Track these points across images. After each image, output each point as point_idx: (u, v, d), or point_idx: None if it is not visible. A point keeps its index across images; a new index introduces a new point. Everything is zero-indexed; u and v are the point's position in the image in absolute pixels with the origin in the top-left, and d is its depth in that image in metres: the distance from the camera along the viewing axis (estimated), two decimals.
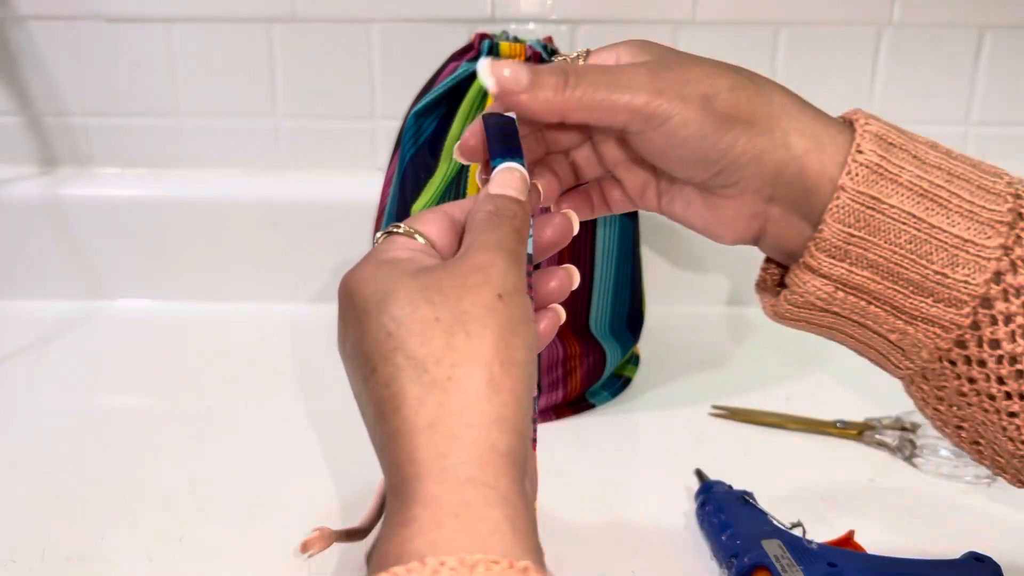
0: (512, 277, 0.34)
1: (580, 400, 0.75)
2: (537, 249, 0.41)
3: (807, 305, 0.41)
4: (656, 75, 0.38)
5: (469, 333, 0.33)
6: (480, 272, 0.34)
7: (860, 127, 0.39)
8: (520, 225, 0.37)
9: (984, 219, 0.38)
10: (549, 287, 0.41)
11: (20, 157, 0.93)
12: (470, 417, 0.32)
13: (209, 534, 0.60)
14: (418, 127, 0.71)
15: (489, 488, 0.31)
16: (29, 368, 0.81)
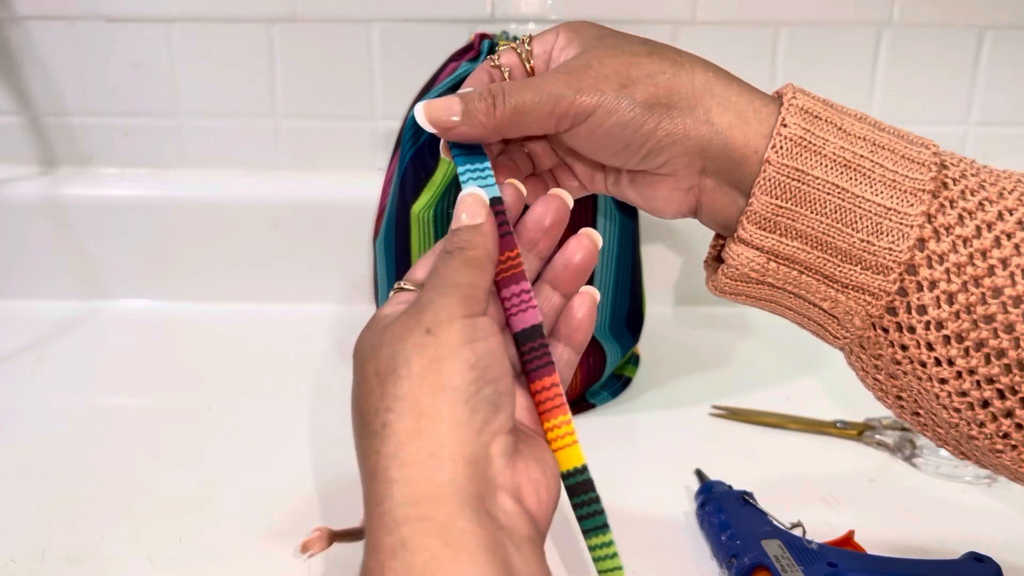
0: (445, 310, 0.36)
1: (580, 400, 0.75)
2: (535, 235, 0.42)
3: (743, 278, 0.42)
4: (574, 76, 0.41)
5: (399, 376, 0.35)
6: (416, 315, 0.36)
7: (787, 101, 0.40)
8: (473, 251, 0.38)
9: (907, 188, 0.39)
10: (575, 261, 0.43)
11: (20, 157, 0.93)
12: (404, 456, 0.34)
13: (209, 534, 0.60)
14: (418, 127, 0.71)
15: (426, 520, 0.33)
16: (29, 368, 0.81)
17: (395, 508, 0.33)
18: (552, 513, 0.38)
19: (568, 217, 0.43)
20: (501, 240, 0.40)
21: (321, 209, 0.90)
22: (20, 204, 0.91)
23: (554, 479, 0.39)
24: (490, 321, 0.37)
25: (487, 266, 0.39)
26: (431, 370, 0.35)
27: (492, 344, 0.37)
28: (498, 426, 0.36)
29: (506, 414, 0.36)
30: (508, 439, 0.36)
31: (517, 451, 0.37)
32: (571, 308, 0.43)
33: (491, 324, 0.37)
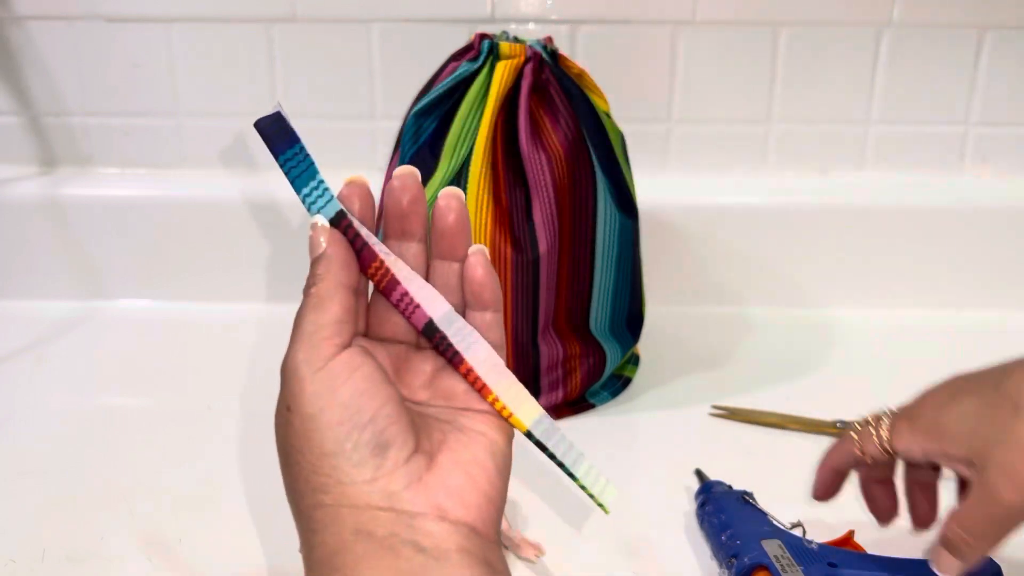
0: (296, 378, 0.37)
1: (580, 400, 0.75)
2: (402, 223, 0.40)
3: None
4: None
5: (288, 459, 0.39)
6: (281, 388, 0.39)
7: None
8: (316, 287, 0.38)
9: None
10: (450, 224, 0.40)
11: (20, 157, 0.93)
12: (313, 526, 0.36)
13: (209, 534, 0.60)
14: (418, 127, 0.71)
15: (336, 571, 0.35)
16: (29, 368, 0.81)
17: (317, 569, 0.35)
18: (493, 509, 0.38)
19: (421, 188, 0.40)
20: (360, 255, 0.39)
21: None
22: (20, 204, 0.91)
23: (485, 476, 0.38)
24: (350, 355, 0.37)
25: (333, 296, 0.38)
26: (305, 445, 0.37)
27: (357, 381, 0.36)
28: (392, 463, 0.36)
29: (398, 445, 0.36)
30: (410, 467, 0.36)
31: (430, 469, 0.37)
32: (468, 271, 0.40)
33: (351, 358, 0.37)
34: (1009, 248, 0.91)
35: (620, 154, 0.73)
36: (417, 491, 0.36)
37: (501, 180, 0.69)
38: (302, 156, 0.40)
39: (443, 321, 0.40)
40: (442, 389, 0.41)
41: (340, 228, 0.39)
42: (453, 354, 0.40)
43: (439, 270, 0.41)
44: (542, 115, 0.70)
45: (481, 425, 0.40)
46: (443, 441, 0.38)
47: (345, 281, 0.38)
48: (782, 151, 0.92)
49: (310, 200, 0.39)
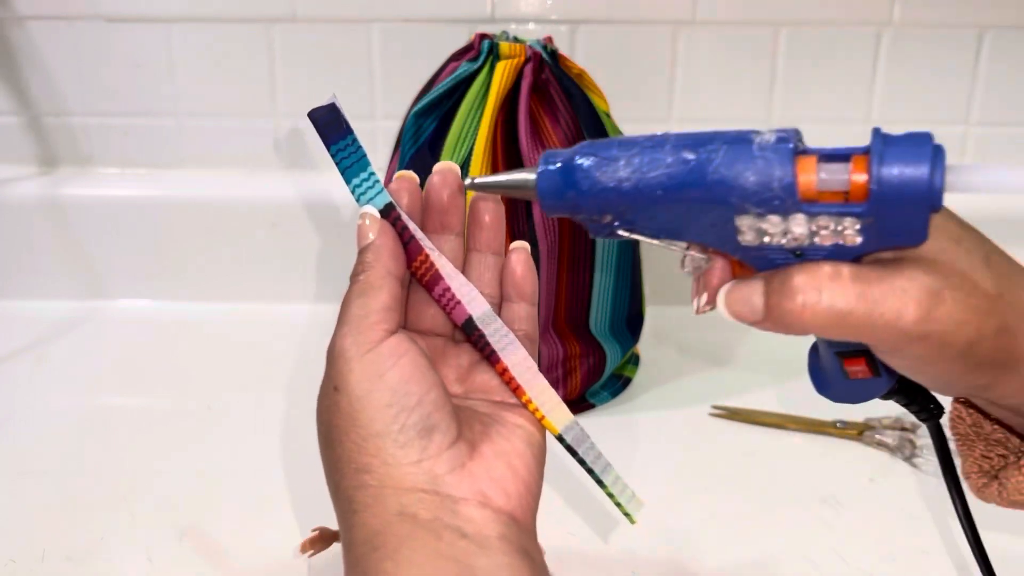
0: (344, 359, 0.37)
1: (580, 400, 0.75)
2: (443, 217, 0.41)
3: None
4: (933, 309, 0.32)
5: (330, 441, 0.38)
6: (327, 369, 0.39)
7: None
8: (365, 275, 0.39)
9: None
10: (486, 221, 0.42)
11: (20, 157, 0.93)
12: (355, 506, 0.36)
13: (209, 534, 0.60)
14: (418, 127, 0.71)
15: (377, 550, 0.35)
16: (29, 368, 0.81)
17: (356, 549, 0.35)
18: (532, 499, 0.39)
19: (461, 183, 0.41)
20: (407, 247, 0.40)
21: (321, 209, 0.90)
22: (20, 204, 0.91)
23: (525, 467, 0.39)
24: (398, 341, 0.37)
25: (383, 284, 0.38)
26: (352, 426, 0.37)
27: (404, 366, 0.37)
28: (437, 447, 0.37)
29: (442, 431, 0.37)
30: (454, 452, 0.37)
31: (473, 456, 0.38)
32: (509, 266, 0.42)
33: (399, 343, 0.37)
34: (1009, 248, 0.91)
35: None
36: (460, 477, 0.37)
37: None
38: (354, 147, 0.40)
39: (482, 320, 0.41)
40: (478, 383, 0.42)
41: (388, 220, 0.40)
42: (490, 352, 0.41)
43: (475, 263, 0.42)
44: (542, 115, 0.69)
45: (518, 418, 0.40)
46: (483, 432, 0.39)
47: (394, 271, 0.39)
48: None
49: (360, 191, 0.40)
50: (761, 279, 0.34)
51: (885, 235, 0.31)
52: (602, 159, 0.34)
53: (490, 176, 0.38)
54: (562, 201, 0.36)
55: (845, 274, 0.32)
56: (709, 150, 0.32)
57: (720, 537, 0.60)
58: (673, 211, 0.34)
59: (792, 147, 0.31)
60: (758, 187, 0.31)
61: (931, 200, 0.30)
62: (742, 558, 0.58)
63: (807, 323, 0.33)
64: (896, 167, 0.30)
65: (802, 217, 0.32)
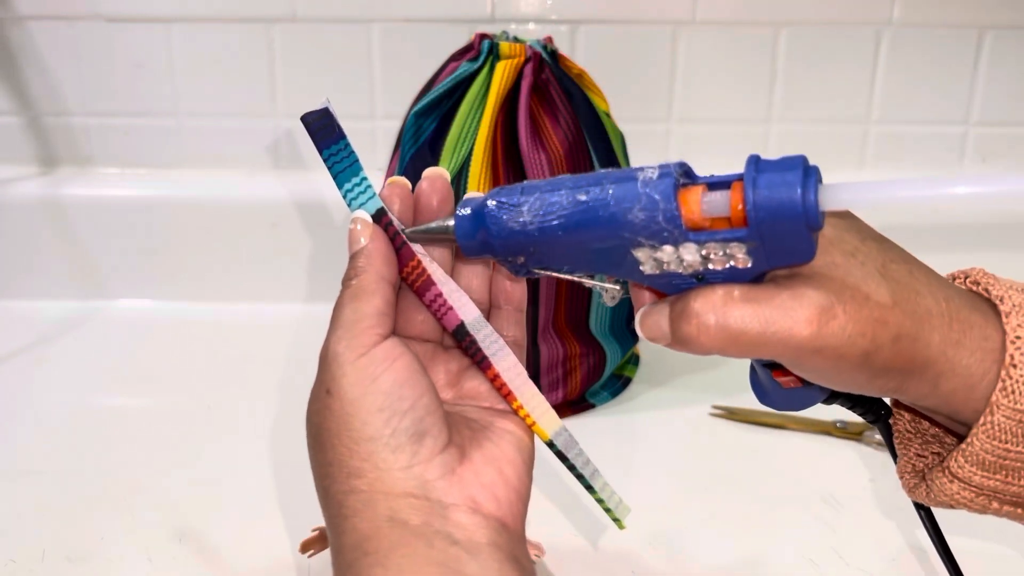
0: (337, 363, 0.37)
1: (580, 400, 0.75)
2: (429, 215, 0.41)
3: (953, 506, 0.38)
4: (824, 324, 0.33)
5: (321, 444, 0.38)
6: (319, 373, 0.39)
7: (1011, 340, 0.35)
8: (357, 279, 0.39)
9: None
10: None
11: (20, 157, 0.93)
12: (345, 511, 0.36)
13: (209, 534, 0.60)
14: (418, 127, 0.71)
15: (368, 555, 0.35)
16: (29, 368, 0.81)
17: (346, 554, 0.35)
18: (521, 505, 0.39)
19: (450, 190, 0.42)
20: (399, 253, 0.40)
21: (321, 209, 0.90)
22: (20, 204, 0.91)
23: (514, 472, 0.39)
24: (391, 345, 0.37)
25: (375, 288, 0.38)
26: (344, 430, 0.36)
27: (397, 370, 0.37)
28: (428, 452, 0.37)
29: (434, 435, 0.37)
30: (445, 457, 0.37)
31: (463, 462, 0.38)
32: (499, 274, 0.42)
33: (392, 348, 0.37)
34: (1009, 248, 0.91)
35: (620, 154, 0.73)
36: (451, 482, 0.36)
37: (501, 180, 0.69)
38: (346, 152, 0.40)
39: (473, 325, 0.40)
40: (467, 389, 0.42)
41: (380, 225, 0.40)
42: (482, 359, 0.41)
43: (463, 269, 0.42)
44: (542, 115, 0.70)
45: (508, 424, 0.40)
46: (473, 438, 0.39)
47: (386, 275, 0.39)
48: (782, 151, 0.92)
49: (352, 196, 0.40)
50: (667, 304, 0.36)
51: (773, 256, 0.33)
52: (507, 205, 0.36)
53: (419, 225, 0.40)
54: (477, 245, 0.38)
55: (737, 296, 0.34)
56: (600, 190, 0.34)
57: (720, 537, 0.60)
58: (577, 249, 0.35)
59: (674, 180, 0.33)
60: (646, 221, 0.33)
61: (807, 220, 0.31)
62: (742, 558, 0.58)
63: (705, 345, 0.34)
64: (769, 191, 0.31)
65: (692, 246, 0.33)
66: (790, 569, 0.57)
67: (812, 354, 0.33)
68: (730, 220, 0.32)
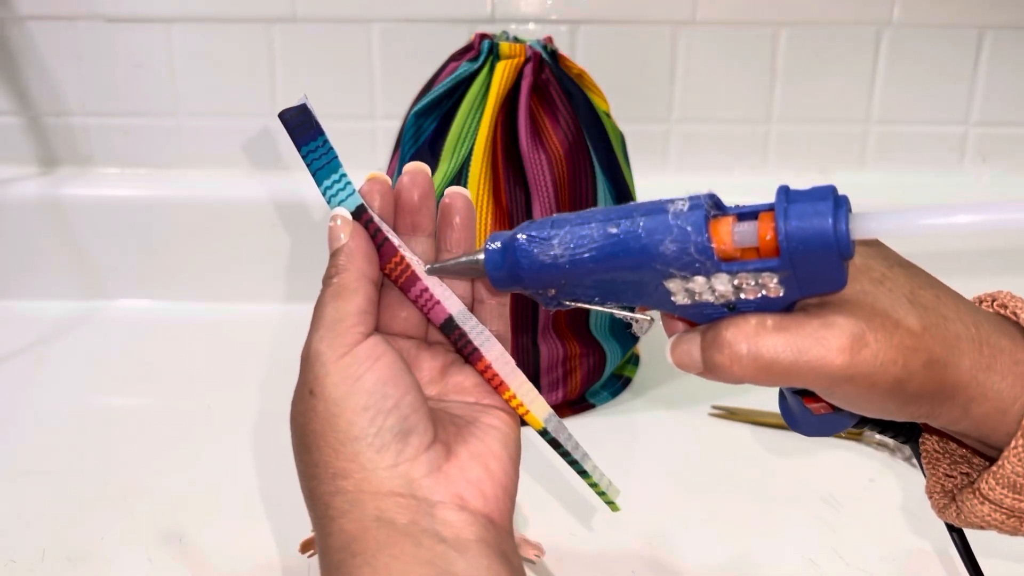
0: (320, 363, 0.37)
1: (580, 400, 0.75)
2: (414, 218, 0.41)
3: (984, 527, 0.38)
4: (856, 353, 0.33)
5: (306, 446, 0.37)
6: (302, 374, 0.38)
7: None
8: (338, 277, 0.38)
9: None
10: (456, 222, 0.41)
11: (20, 157, 0.93)
12: (332, 512, 0.36)
13: (209, 534, 0.60)
14: (418, 127, 0.71)
15: (356, 556, 0.35)
16: (29, 368, 0.81)
17: (333, 555, 0.35)
18: (508, 500, 0.38)
19: (431, 183, 0.41)
20: (380, 249, 0.40)
21: (322, 209, 0.90)
22: (20, 204, 0.91)
23: (501, 468, 0.39)
24: (374, 343, 0.37)
25: (357, 287, 0.38)
26: (328, 430, 0.36)
27: (381, 369, 0.37)
28: (413, 450, 0.36)
29: (419, 433, 0.37)
30: (431, 455, 0.37)
31: (449, 459, 0.37)
32: None
33: (375, 346, 0.37)
34: (1009, 248, 0.91)
35: (620, 154, 0.73)
36: (437, 480, 0.36)
37: (501, 180, 0.69)
38: (325, 149, 0.40)
39: (460, 318, 0.40)
40: (452, 384, 0.42)
41: (360, 222, 0.40)
42: (472, 351, 0.40)
43: None
44: (542, 115, 0.70)
45: (493, 419, 0.40)
46: (458, 434, 0.39)
47: (368, 273, 0.39)
48: (782, 151, 0.92)
49: (331, 193, 0.40)
50: (698, 333, 0.36)
51: (805, 285, 0.33)
52: (538, 238, 0.36)
53: (446, 261, 0.40)
54: (508, 279, 0.38)
55: (769, 325, 0.34)
56: (631, 223, 0.34)
57: (720, 537, 0.60)
58: (608, 281, 0.36)
59: (705, 212, 0.33)
60: (678, 253, 0.33)
61: (839, 249, 0.31)
62: (742, 558, 0.58)
63: (737, 374, 0.34)
64: (800, 221, 0.31)
65: (724, 276, 0.33)
66: (790, 569, 0.57)
67: (845, 382, 0.33)
68: (758, 250, 0.33)
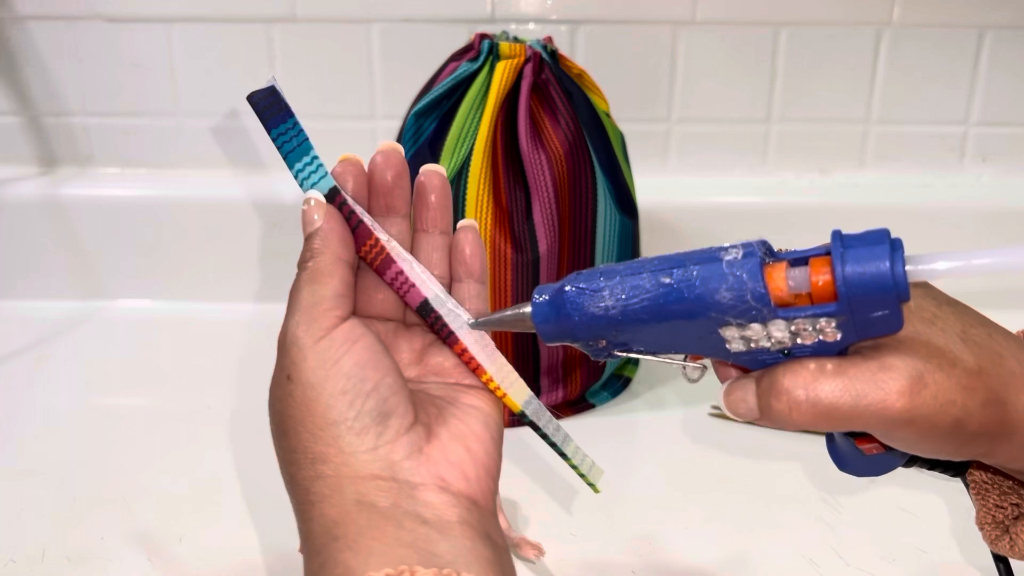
0: (297, 347, 0.37)
1: (580, 400, 0.75)
2: (388, 199, 0.41)
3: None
4: (916, 395, 0.33)
5: (285, 431, 0.38)
6: (279, 359, 0.39)
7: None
8: (313, 261, 0.38)
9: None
10: (431, 200, 0.41)
11: (20, 157, 0.93)
12: (312, 498, 0.36)
13: (209, 534, 0.60)
14: (418, 127, 0.71)
15: (337, 540, 0.34)
16: (29, 368, 0.81)
17: (315, 540, 0.35)
18: (491, 481, 0.38)
19: (405, 163, 0.41)
20: (355, 232, 0.39)
21: None
22: (20, 204, 0.91)
23: (483, 449, 0.38)
24: (351, 326, 0.37)
25: (333, 270, 0.38)
26: (307, 415, 0.36)
27: (359, 352, 0.36)
28: (393, 432, 0.36)
29: (399, 415, 0.36)
30: (411, 437, 0.36)
31: (430, 440, 0.37)
32: (458, 246, 0.42)
33: (352, 329, 0.37)
34: None
35: (620, 154, 0.73)
36: (418, 462, 0.36)
37: (501, 180, 0.69)
38: (296, 131, 0.39)
39: (437, 300, 0.40)
40: (432, 365, 0.41)
41: (334, 204, 0.39)
42: (448, 333, 0.40)
43: (423, 244, 0.42)
44: (542, 115, 0.69)
45: (474, 399, 0.40)
46: (439, 415, 0.38)
47: (343, 256, 0.38)
48: (782, 151, 0.92)
49: (303, 176, 0.39)
50: (753, 380, 0.36)
51: (862, 328, 0.33)
52: (588, 290, 0.36)
53: (490, 314, 0.40)
54: (557, 331, 0.38)
55: (828, 370, 0.34)
56: (684, 273, 0.34)
57: (720, 537, 0.60)
58: (662, 331, 0.36)
59: (760, 259, 0.33)
60: (734, 301, 0.33)
61: (897, 293, 0.32)
62: (742, 558, 0.58)
63: (796, 421, 0.34)
64: (858, 266, 0.32)
65: (781, 323, 0.33)
66: (790, 569, 0.57)
67: (905, 425, 0.33)
68: (811, 295, 0.33)
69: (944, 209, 0.90)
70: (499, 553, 0.35)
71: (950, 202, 0.90)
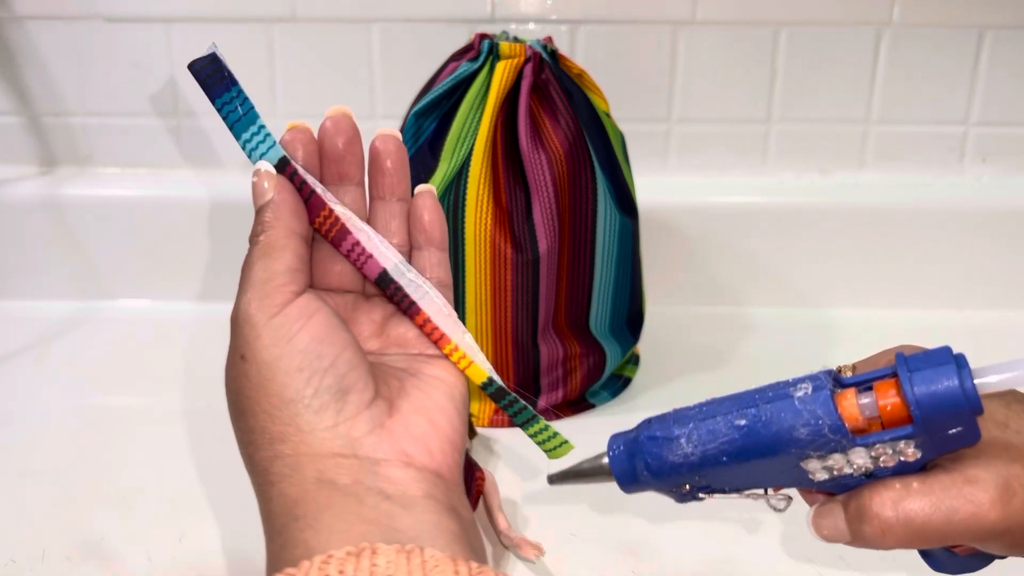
0: (249, 325, 0.36)
1: (580, 400, 0.75)
2: (340, 167, 0.40)
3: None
4: (1007, 504, 0.33)
5: (242, 410, 0.38)
6: (232, 339, 0.38)
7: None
8: (265, 235, 0.37)
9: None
10: (386, 165, 0.40)
11: (20, 157, 0.93)
12: (272, 477, 0.35)
13: (209, 534, 0.60)
14: (418, 127, 0.71)
15: (298, 520, 0.33)
16: (29, 368, 0.81)
17: (276, 520, 0.34)
18: (456, 454, 0.37)
19: (356, 129, 0.40)
20: (308, 202, 0.38)
21: None
22: (20, 204, 0.91)
23: (447, 421, 0.37)
24: (306, 301, 0.36)
25: (286, 243, 0.37)
26: (262, 395, 0.35)
27: (314, 327, 0.35)
28: (353, 408, 0.35)
29: (358, 391, 0.35)
30: (372, 412, 0.35)
31: (392, 415, 0.36)
32: (416, 212, 0.40)
33: (307, 304, 0.36)
34: (1009, 248, 0.91)
35: (620, 154, 0.73)
36: (380, 437, 0.35)
37: (501, 180, 0.69)
38: (240, 100, 0.38)
39: (396, 271, 0.39)
40: (393, 337, 0.40)
41: (285, 175, 0.38)
42: (409, 304, 0.39)
43: (379, 211, 0.40)
44: (542, 115, 0.69)
45: (438, 370, 0.39)
46: (401, 388, 0.38)
47: (296, 228, 0.37)
48: (782, 151, 0.92)
49: (251, 146, 0.38)
50: (839, 504, 0.37)
51: (940, 444, 0.34)
52: (663, 438, 0.38)
53: (566, 468, 0.40)
54: (638, 481, 0.39)
55: (915, 489, 0.34)
56: (756, 412, 0.35)
57: (720, 537, 0.60)
58: (743, 470, 0.37)
59: (831, 392, 0.34)
60: (812, 435, 0.34)
61: (970, 407, 0.32)
62: (742, 558, 0.58)
63: (890, 543, 0.35)
64: (928, 388, 0.33)
65: (861, 450, 0.34)
66: (790, 569, 0.57)
67: (1002, 534, 0.33)
68: (882, 420, 0.34)
69: (944, 209, 0.90)
70: (465, 526, 0.35)
71: (950, 202, 0.90)
